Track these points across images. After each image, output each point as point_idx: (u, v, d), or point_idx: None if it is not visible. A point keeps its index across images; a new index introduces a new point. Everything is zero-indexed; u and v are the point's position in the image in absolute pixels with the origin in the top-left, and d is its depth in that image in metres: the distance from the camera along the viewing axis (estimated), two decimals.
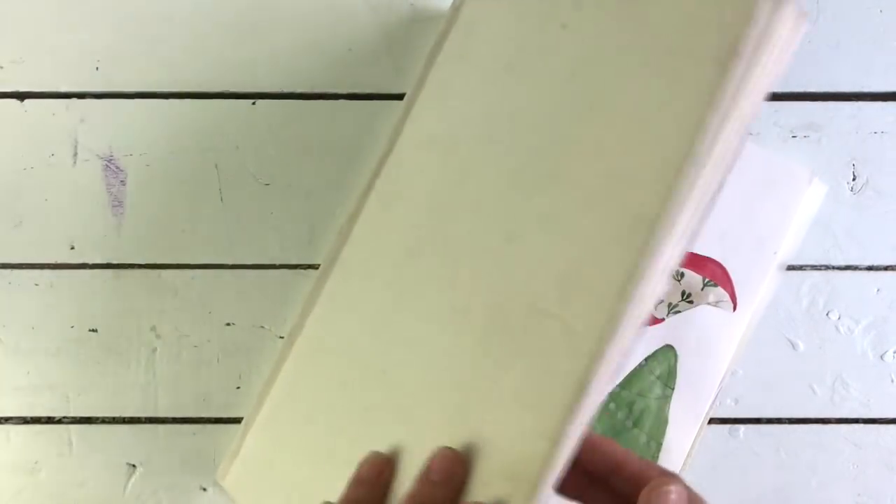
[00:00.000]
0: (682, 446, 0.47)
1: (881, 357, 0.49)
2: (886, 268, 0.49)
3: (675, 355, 0.47)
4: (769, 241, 0.48)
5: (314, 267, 0.48)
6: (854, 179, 0.49)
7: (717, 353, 0.47)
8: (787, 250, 0.48)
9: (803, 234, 0.49)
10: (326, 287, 0.43)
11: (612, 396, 0.48)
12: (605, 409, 0.48)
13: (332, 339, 0.41)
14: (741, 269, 0.47)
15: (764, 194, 0.48)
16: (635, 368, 0.48)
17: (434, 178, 0.39)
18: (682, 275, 0.48)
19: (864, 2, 0.49)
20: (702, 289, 0.47)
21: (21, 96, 0.49)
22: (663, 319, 0.48)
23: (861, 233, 0.49)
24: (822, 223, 0.49)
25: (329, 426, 0.39)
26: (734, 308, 0.47)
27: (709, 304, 0.47)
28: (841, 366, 0.49)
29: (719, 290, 0.47)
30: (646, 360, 0.48)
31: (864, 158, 0.49)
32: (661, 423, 0.47)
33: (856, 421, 0.49)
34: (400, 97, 0.48)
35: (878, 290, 0.49)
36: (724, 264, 0.48)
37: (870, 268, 0.49)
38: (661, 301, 0.47)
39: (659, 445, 0.47)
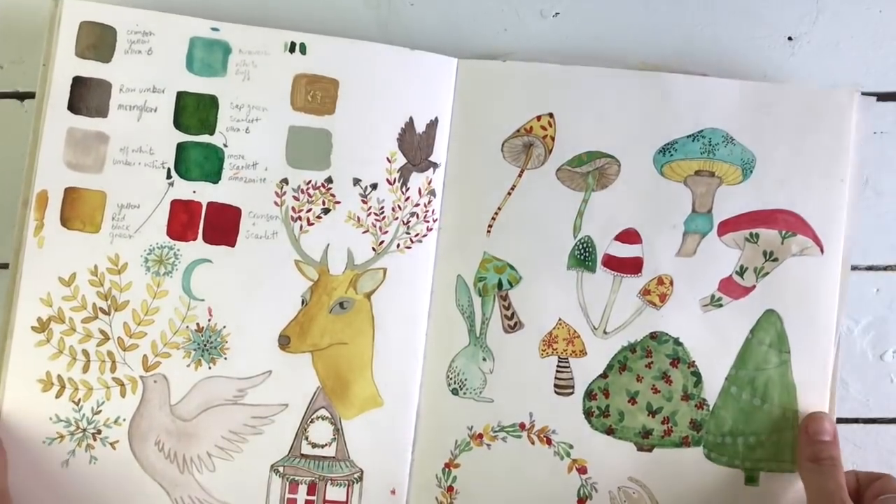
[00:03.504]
0: (819, 406, 0.45)
1: (881, 357, 0.49)
2: (886, 268, 0.49)
3: (780, 318, 0.45)
4: (834, 170, 0.45)
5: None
6: None
7: (822, 301, 0.45)
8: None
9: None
10: None
11: (731, 380, 0.45)
12: (727, 394, 0.45)
13: None
14: (815, 208, 0.45)
15: (812, 125, 0.45)
16: (743, 345, 0.45)
17: None
18: (757, 236, 0.45)
19: (864, 2, 0.49)
20: (781, 242, 0.45)
21: (21, 96, 0.49)
22: (754, 286, 0.45)
23: (861, 233, 0.49)
24: None
25: None
26: (822, 250, 0.45)
27: (794, 255, 0.45)
28: (840, 365, 0.49)
29: (800, 237, 0.45)
30: (751, 332, 0.45)
31: (864, 158, 0.49)
32: (789, 389, 0.45)
33: (855, 421, 0.49)
34: None
35: (877, 291, 0.49)
36: (794, 210, 0.45)
37: (870, 268, 0.49)
38: (746, 269, 0.45)
39: (795, 413, 0.45)
